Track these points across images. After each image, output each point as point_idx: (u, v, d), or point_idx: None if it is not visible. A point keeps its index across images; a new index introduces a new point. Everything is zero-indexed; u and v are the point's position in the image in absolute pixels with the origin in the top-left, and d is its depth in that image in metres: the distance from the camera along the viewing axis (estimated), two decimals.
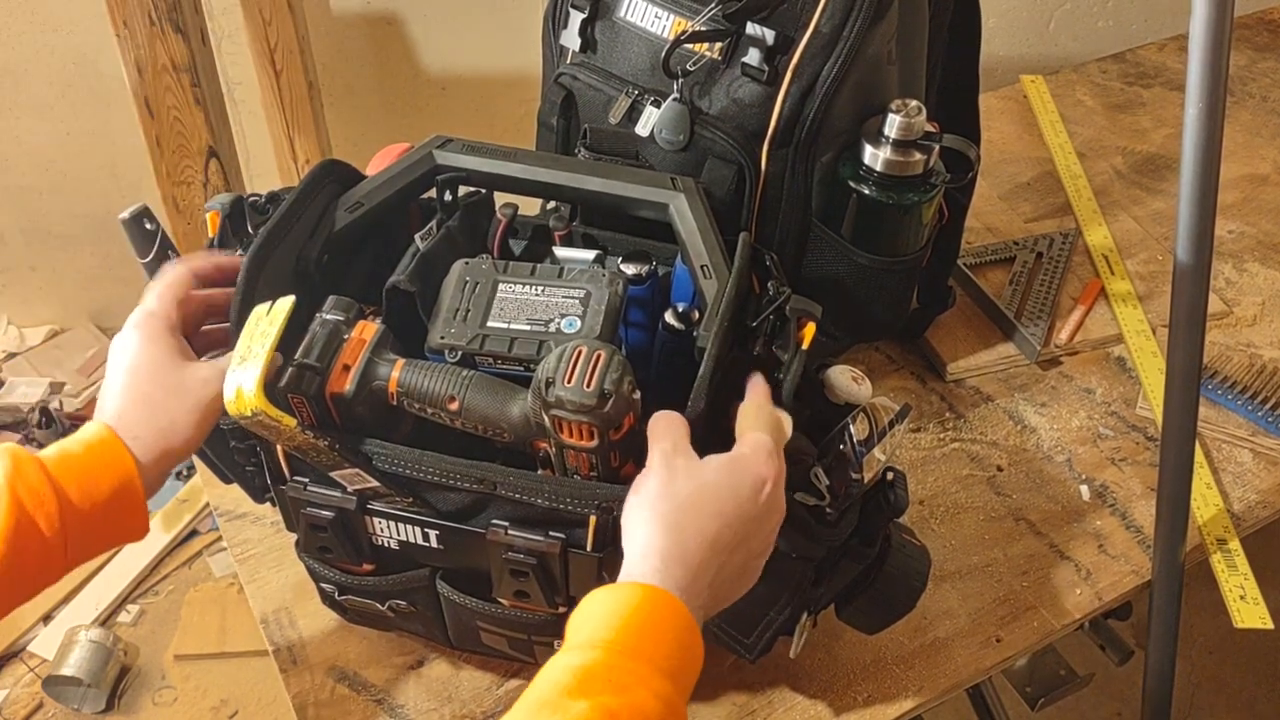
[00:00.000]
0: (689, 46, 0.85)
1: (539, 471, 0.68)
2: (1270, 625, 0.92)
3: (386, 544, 0.73)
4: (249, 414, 0.61)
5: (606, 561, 0.66)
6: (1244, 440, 1.05)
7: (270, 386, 0.63)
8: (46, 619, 1.75)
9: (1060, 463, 1.02)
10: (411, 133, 1.95)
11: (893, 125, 0.86)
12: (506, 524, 0.67)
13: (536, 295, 0.71)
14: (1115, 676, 1.67)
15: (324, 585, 0.79)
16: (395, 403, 0.67)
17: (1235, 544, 0.97)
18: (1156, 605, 0.93)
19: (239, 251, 0.73)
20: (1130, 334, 1.13)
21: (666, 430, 0.62)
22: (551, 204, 0.88)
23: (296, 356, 0.65)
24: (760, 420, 0.64)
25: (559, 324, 0.70)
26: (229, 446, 0.78)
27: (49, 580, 0.64)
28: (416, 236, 0.78)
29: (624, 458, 0.64)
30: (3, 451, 0.63)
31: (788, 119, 0.85)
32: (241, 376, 0.62)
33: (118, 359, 0.68)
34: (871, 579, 0.75)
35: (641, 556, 0.58)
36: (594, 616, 0.56)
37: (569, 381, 0.60)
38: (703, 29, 0.84)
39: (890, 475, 0.72)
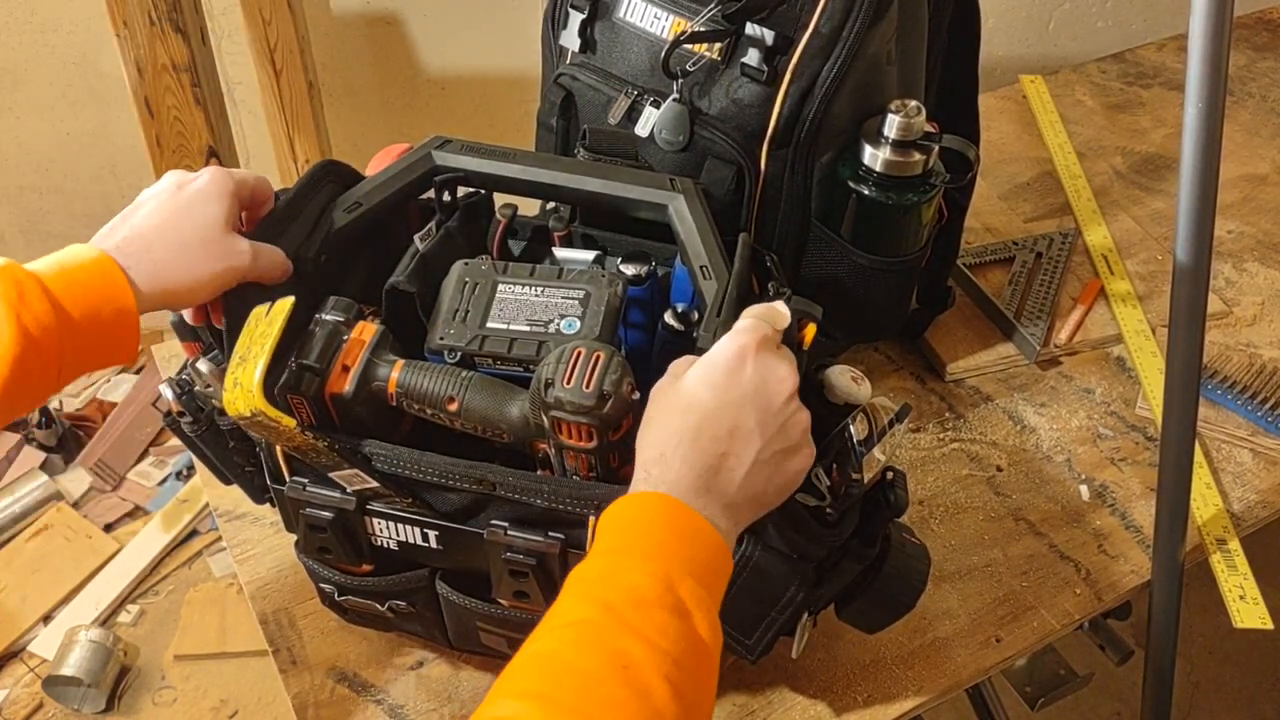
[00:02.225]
0: (688, 47, 0.85)
1: (538, 472, 0.68)
2: (1270, 625, 0.92)
3: (386, 544, 0.73)
4: (248, 414, 0.61)
5: None
6: (1244, 440, 1.05)
7: (269, 387, 0.63)
8: (46, 619, 1.76)
9: (1060, 463, 1.02)
10: (411, 133, 1.95)
11: (892, 125, 0.86)
12: (506, 524, 0.67)
13: (536, 296, 0.71)
14: (1115, 676, 1.67)
15: (324, 585, 0.79)
16: (394, 403, 0.67)
17: (1235, 544, 0.97)
18: (1156, 605, 0.93)
19: None
20: (1130, 334, 1.13)
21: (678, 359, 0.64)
22: (551, 205, 0.88)
23: (296, 357, 0.65)
24: (746, 313, 0.65)
25: (558, 325, 0.70)
26: (228, 447, 0.78)
27: (40, 401, 0.65)
28: (416, 237, 0.78)
29: (623, 458, 0.64)
30: (2, 272, 0.62)
31: (787, 119, 0.85)
32: (240, 377, 0.62)
33: (175, 196, 0.69)
34: (871, 579, 0.75)
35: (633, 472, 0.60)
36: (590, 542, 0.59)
37: (568, 383, 0.60)
38: (702, 29, 0.84)
39: (890, 475, 0.72)
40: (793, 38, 0.83)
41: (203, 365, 0.75)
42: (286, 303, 0.65)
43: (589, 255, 0.81)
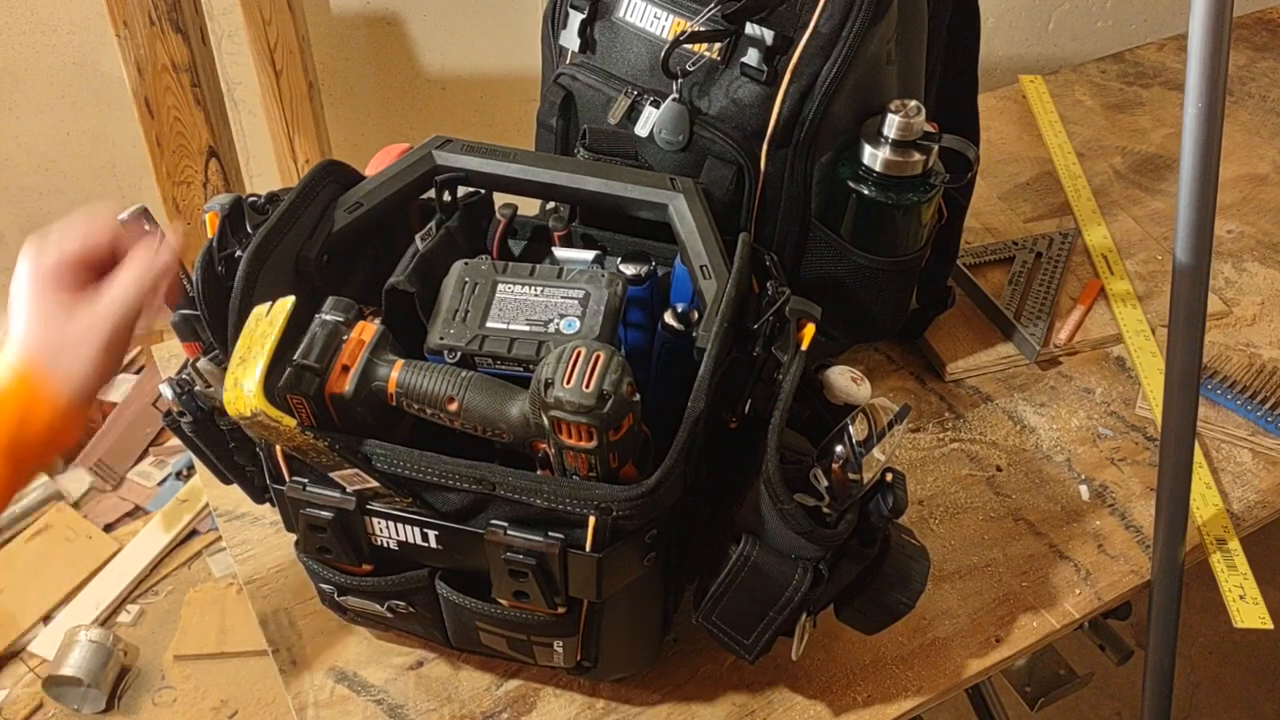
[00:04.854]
0: (688, 47, 0.85)
1: (538, 472, 0.68)
2: (1270, 625, 0.92)
3: (386, 544, 0.73)
4: (249, 414, 0.61)
5: (605, 561, 0.66)
6: (1243, 440, 1.05)
7: (269, 387, 0.63)
8: (46, 619, 1.76)
9: (1060, 463, 1.02)
10: (411, 133, 1.95)
11: (892, 125, 0.86)
12: (505, 524, 0.67)
13: (536, 296, 0.71)
14: (1115, 676, 1.67)
15: (323, 585, 0.79)
16: (394, 403, 0.67)
17: (1235, 544, 0.97)
18: (1156, 605, 0.93)
19: (237, 252, 0.73)
20: (1130, 334, 1.13)
21: None
22: (551, 204, 0.88)
23: (296, 357, 0.65)
24: None
25: (558, 324, 0.70)
26: (228, 447, 0.78)
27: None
28: (416, 237, 0.78)
29: (623, 458, 0.64)
30: None
31: (787, 119, 0.85)
32: (241, 377, 0.62)
33: (17, 299, 0.69)
34: (871, 579, 0.75)
35: None
36: None
37: (568, 382, 0.60)
38: (702, 29, 0.84)
39: (890, 476, 0.72)
40: (792, 38, 0.83)
41: (203, 365, 0.75)
42: (287, 303, 0.65)
43: (589, 255, 0.81)
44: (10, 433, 0.65)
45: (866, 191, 0.88)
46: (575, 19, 0.91)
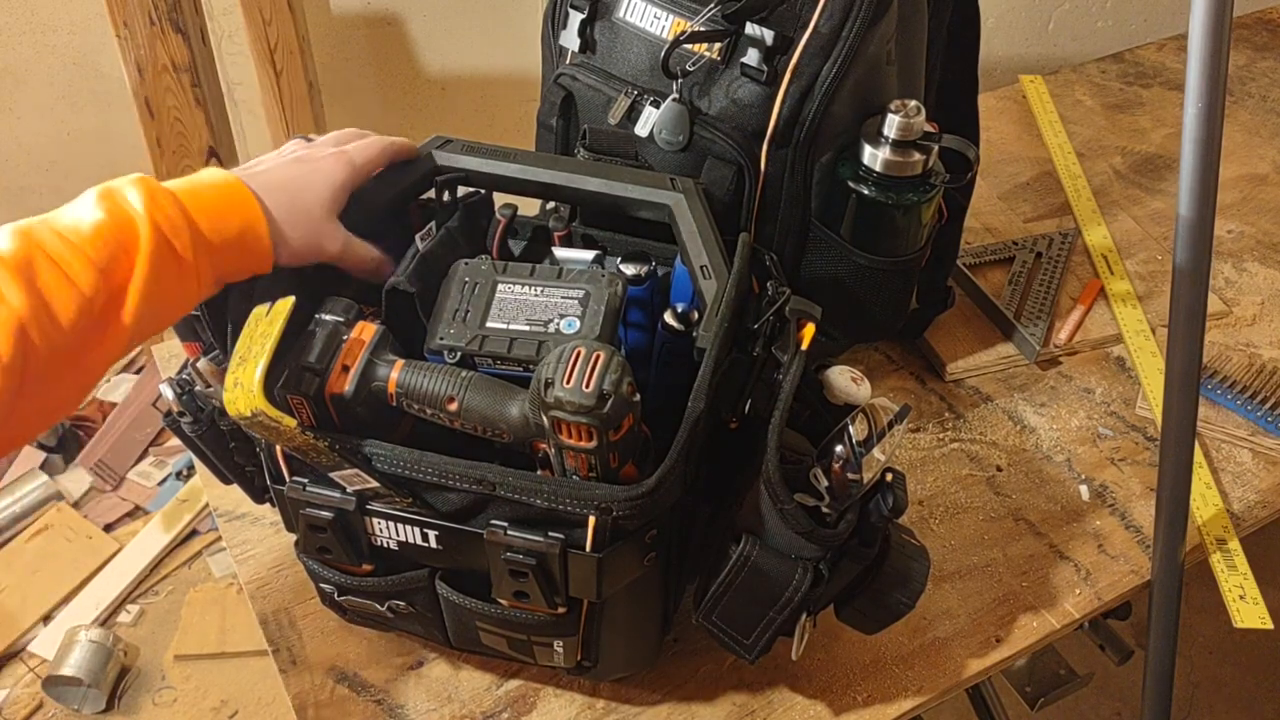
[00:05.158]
0: (688, 47, 0.85)
1: (538, 472, 0.68)
2: (1270, 625, 0.92)
3: (386, 544, 0.73)
4: (248, 414, 0.61)
5: (605, 561, 0.66)
6: (1243, 440, 1.05)
7: (270, 387, 0.63)
8: (46, 619, 1.75)
9: (1060, 463, 1.02)
10: (412, 133, 1.95)
11: (892, 125, 0.86)
12: (505, 524, 0.67)
13: (536, 296, 0.71)
14: (1115, 676, 1.67)
15: (323, 585, 0.79)
16: (394, 403, 0.67)
17: (1235, 544, 0.97)
18: (1156, 605, 0.93)
19: None
20: (1130, 334, 1.13)
21: None
22: (551, 204, 0.88)
23: (296, 357, 0.65)
24: None
25: (558, 324, 0.70)
26: (228, 447, 0.78)
27: (181, 311, 0.68)
28: (416, 237, 0.78)
29: (623, 458, 0.64)
30: (136, 181, 0.65)
31: (787, 119, 0.85)
32: (241, 377, 0.62)
33: (296, 165, 0.74)
34: (871, 579, 0.75)
35: None
36: None
37: (568, 382, 0.60)
38: (702, 29, 0.84)
39: (890, 476, 0.72)
40: (792, 37, 0.83)
41: (203, 365, 0.75)
42: (286, 303, 0.65)
43: (589, 255, 0.81)
44: (230, 236, 0.66)
45: (866, 191, 0.88)
46: (575, 19, 0.91)
